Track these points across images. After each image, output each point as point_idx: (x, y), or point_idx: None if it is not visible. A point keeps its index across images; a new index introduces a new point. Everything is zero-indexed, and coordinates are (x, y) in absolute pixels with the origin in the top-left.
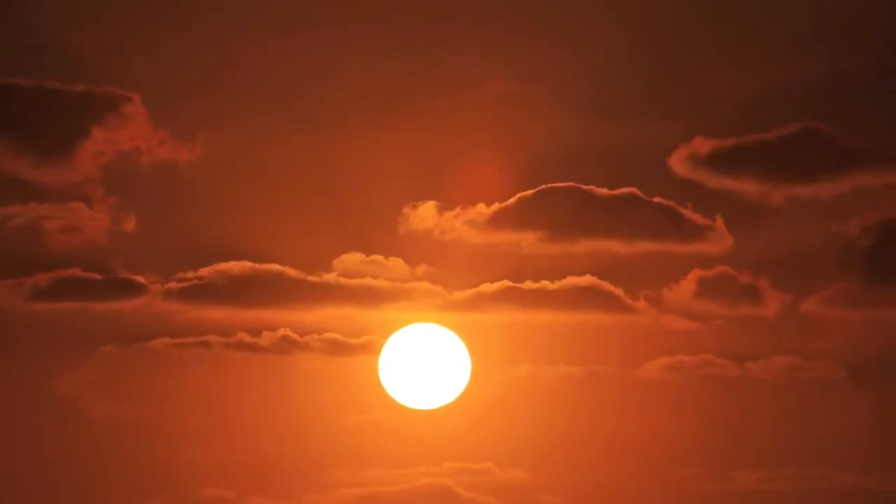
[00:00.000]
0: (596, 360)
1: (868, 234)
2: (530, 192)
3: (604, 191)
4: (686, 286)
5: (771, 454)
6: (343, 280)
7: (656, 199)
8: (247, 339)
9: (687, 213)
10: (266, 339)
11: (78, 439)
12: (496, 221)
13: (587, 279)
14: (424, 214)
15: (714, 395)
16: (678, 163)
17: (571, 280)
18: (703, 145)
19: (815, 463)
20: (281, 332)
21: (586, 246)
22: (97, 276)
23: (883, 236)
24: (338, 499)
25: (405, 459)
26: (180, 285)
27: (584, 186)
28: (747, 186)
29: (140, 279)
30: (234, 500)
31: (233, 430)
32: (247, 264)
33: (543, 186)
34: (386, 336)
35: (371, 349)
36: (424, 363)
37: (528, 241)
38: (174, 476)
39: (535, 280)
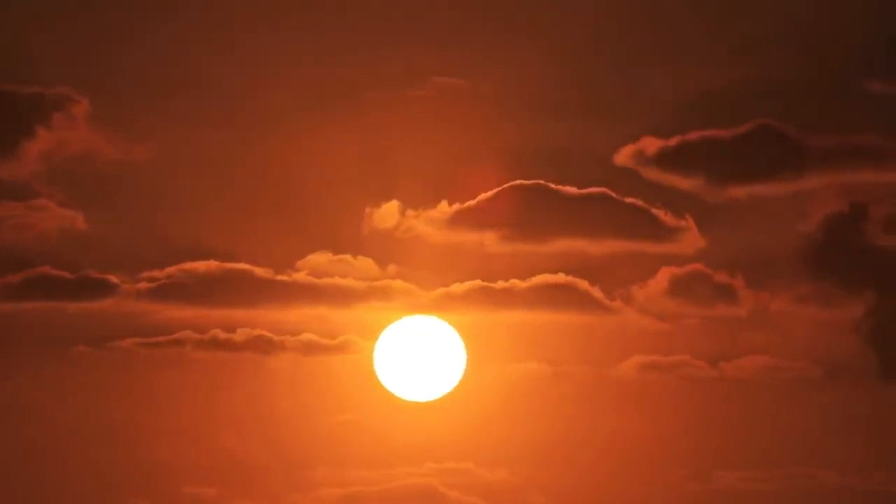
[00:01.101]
0: (569, 359)
1: (828, 232)
2: (493, 190)
3: (571, 189)
4: (657, 285)
5: (751, 454)
6: (314, 280)
7: (628, 200)
8: (221, 338)
9: (657, 212)
10: (241, 338)
11: (53, 440)
12: (459, 220)
13: (559, 277)
14: (387, 214)
15: (689, 395)
16: (625, 160)
17: (543, 278)
18: (651, 144)
19: (795, 462)
20: (256, 331)
21: (554, 245)
22: (67, 275)
23: (841, 234)
24: (320, 499)
25: (387, 459)
26: (150, 285)
27: (552, 185)
28: (698, 184)
29: (111, 278)
30: (215, 499)
31: (210, 430)
32: (213, 263)
33: (508, 185)
34: (363, 336)
35: (349, 349)
36: (418, 356)
37: (492, 239)
38: (153, 475)
39: (506, 279)
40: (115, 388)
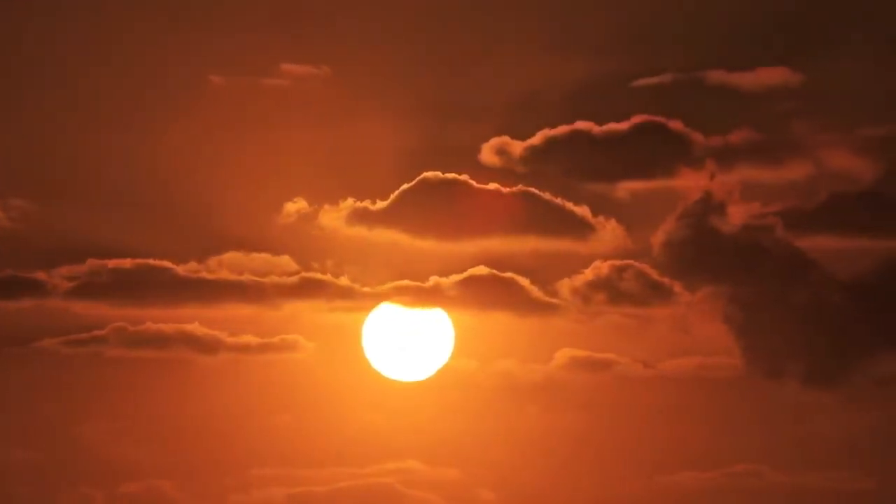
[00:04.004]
0: (505, 354)
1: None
2: (409, 184)
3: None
4: (584, 283)
5: (692, 453)
6: (237, 277)
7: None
8: (149, 336)
9: (576, 209)
10: (174, 336)
11: None
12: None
13: (485, 273)
14: (296, 210)
15: (622, 393)
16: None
17: (471, 273)
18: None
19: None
20: (188, 329)
21: (474, 242)
22: None
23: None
24: (262, 499)
25: (330, 459)
26: (71, 283)
27: (459, 177)
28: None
29: (28, 276)
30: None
31: (148, 431)
32: (129, 261)
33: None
34: (296, 333)
35: (285, 347)
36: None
37: (412, 236)
38: (89, 476)
39: (437, 274)
40: (41, 389)
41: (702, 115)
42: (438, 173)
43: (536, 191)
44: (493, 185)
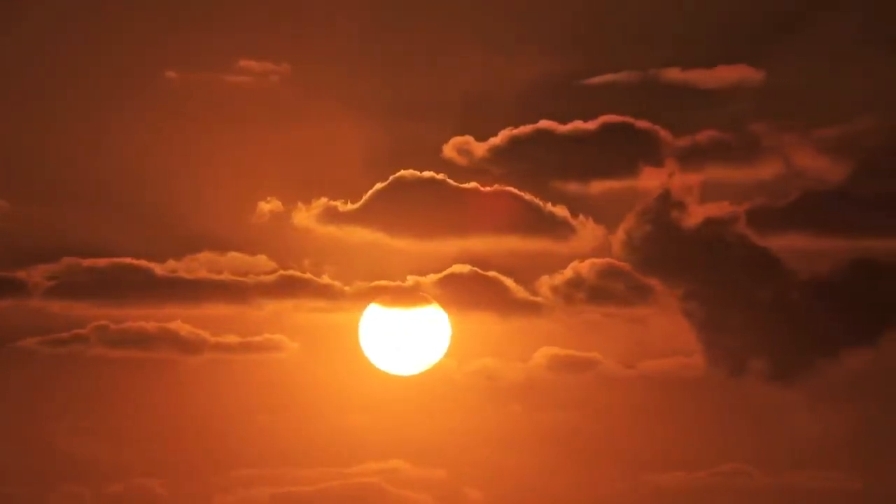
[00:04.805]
0: (486, 353)
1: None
2: (383, 183)
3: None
4: (564, 283)
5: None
6: (219, 277)
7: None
8: (135, 336)
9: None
10: (156, 336)
11: None
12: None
13: (466, 271)
14: (270, 210)
15: (603, 392)
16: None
17: (451, 271)
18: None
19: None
20: (170, 328)
21: (452, 242)
22: None
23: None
24: (246, 499)
25: (315, 458)
26: (51, 283)
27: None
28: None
29: (7, 275)
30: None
31: (132, 431)
32: (105, 260)
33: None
34: (279, 333)
35: (268, 347)
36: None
37: (390, 235)
38: (73, 476)
39: (414, 273)
40: (19, 390)
41: (658, 113)
42: (415, 172)
43: (515, 190)
44: (471, 185)
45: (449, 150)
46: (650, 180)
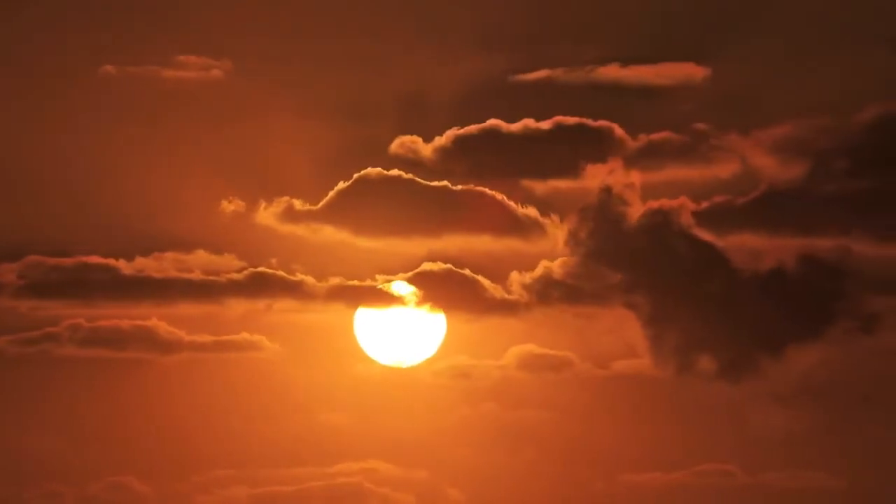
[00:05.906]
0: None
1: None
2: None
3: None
4: (533, 282)
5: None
6: (190, 276)
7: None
8: (108, 334)
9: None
10: (130, 334)
11: None
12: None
13: (441, 269)
14: (236, 210)
15: (576, 391)
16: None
17: (425, 268)
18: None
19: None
20: (147, 328)
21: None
22: None
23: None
24: (225, 499)
25: (295, 459)
26: (21, 281)
27: (405, 175)
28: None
29: None
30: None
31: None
32: (69, 260)
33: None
34: (257, 332)
35: (247, 346)
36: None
37: (357, 234)
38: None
39: (384, 273)
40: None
41: (597, 109)
42: (381, 170)
43: (487, 189)
44: (442, 183)
45: (395, 147)
46: (593, 179)
